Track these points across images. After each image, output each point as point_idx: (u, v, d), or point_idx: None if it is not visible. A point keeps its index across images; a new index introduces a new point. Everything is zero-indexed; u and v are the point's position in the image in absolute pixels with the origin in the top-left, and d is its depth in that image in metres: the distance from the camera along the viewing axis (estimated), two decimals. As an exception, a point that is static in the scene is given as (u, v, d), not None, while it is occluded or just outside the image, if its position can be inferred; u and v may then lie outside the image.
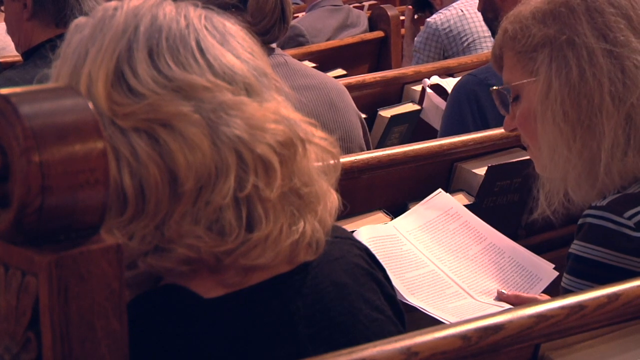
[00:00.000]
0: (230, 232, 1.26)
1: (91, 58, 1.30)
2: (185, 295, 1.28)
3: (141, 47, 1.29)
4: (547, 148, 1.92)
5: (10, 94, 1.06)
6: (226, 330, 1.28)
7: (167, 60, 1.29)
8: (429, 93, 3.83)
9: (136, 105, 1.26)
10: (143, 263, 1.27)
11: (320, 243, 1.36)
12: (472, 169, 2.64)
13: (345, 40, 5.17)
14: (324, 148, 1.38)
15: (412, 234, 2.22)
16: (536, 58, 1.93)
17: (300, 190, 1.32)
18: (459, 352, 1.27)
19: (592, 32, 1.90)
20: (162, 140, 1.26)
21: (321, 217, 1.35)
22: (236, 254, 1.27)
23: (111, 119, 1.26)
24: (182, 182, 1.25)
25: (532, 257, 2.26)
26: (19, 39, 2.98)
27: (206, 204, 1.26)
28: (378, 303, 1.41)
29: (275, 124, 1.30)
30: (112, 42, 1.30)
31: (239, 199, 1.27)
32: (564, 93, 1.89)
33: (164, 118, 1.26)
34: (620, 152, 1.86)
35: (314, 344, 1.31)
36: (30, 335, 1.08)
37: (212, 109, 1.27)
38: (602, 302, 1.38)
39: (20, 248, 1.08)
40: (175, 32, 1.31)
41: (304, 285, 1.34)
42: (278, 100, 1.35)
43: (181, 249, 1.26)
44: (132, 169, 1.25)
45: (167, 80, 1.28)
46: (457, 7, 4.60)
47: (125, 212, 1.26)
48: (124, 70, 1.28)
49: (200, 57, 1.30)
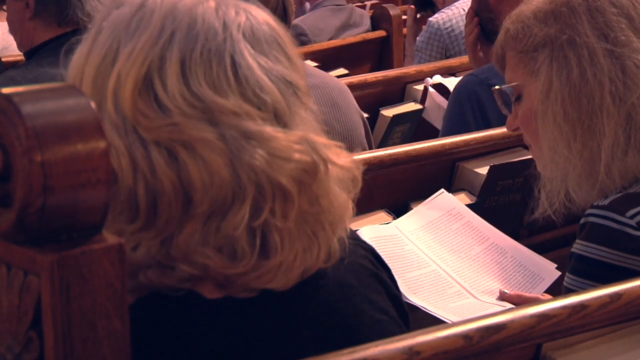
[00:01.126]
0: (243, 257, 1.24)
1: (123, 58, 1.27)
2: (189, 295, 1.27)
3: (174, 58, 1.25)
4: (548, 148, 1.92)
5: (13, 93, 1.06)
6: (229, 331, 1.27)
7: (198, 76, 1.25)
8: (431, 92, 3.83)
9: (161, 121, 1.24)
10: (144, 277, 1.25)
11: (334, 253, 1.34)
12: (474, 169, 2.64)
13: (347, 39, 5.17)
14: (347, 169, 1.35)
15: (414, 234, 2.22)
16: (537, 58, 1.93)
17: (318, 215, 1.30)
18: (461, 351, 1.27)
19: (593, 32, 1.90)
20: (181, 160, 1.23)
21: (338, 233, 1.33)
22: (248, 278, 1.26)
23: (134, 126, 1.24)
24: (197, 205, 1.23)
25: (534, 257, 2.26)
26: (21, 38, 2.98)
27: (217, 229, 1.24)
28: (383, 304, 1.40)
29: (299, 154, 1.27)
30: (147, 45, 1.26)
31: (253, 227, 1.24)
32: (564, 93, 1.89)
33: (187, 140, 1.23)
34: (621, 152, 1.86)
35: (318, 345, 1.30)
36: (32, 335, 1.08)
37: (236, 137, 1.24)
38: (604, 301, 1.38)
39: (22, 248, 1.08)
40: (210, 46, 1.27)
41: (309, 286, 1.33)
42: (305, 121, 1.32)
43: (185, 267, 1.24)
44: (148, 182, 1.23)
45: (196, 100, 1.24)
46: (459, 7, 4.60)
47: (136, 221, 1.24)
48: (153, 80, 1.25)
49: (233, 77, 1.26)
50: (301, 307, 1.32)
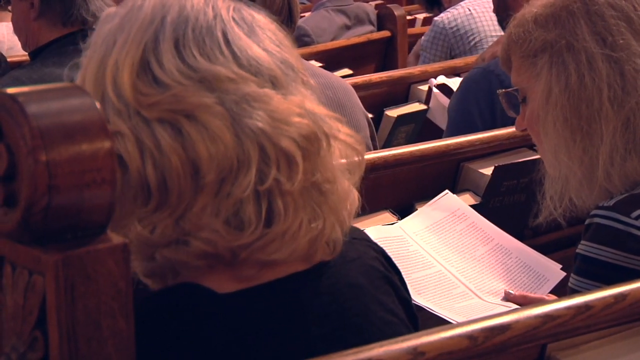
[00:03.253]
0: (249, 226, 1.26)
1: (118, 47, 1.30)
2: (199, 291, 1.28)
3: (167, 38, 1.30)
4: (550, 153, 1.92)
5: (18, 93, 1.06)
6: (239, 326, 1.28)
7: (192, 51, 1.29)
8: (436, 93, 3.84)
9: (160, 96, 1.27)
10: (160, 255, 1.27)
11: (337, 243, 1.35)
12: (478, 169, 2.64)
13: (352, 40, 5.17)
14: (349, 145, 1.37)
15: (419, 234, 2.22)
16: (537, 63, 1.93)
17: (322, 186, 1.31)
18: (466, 352, 1.27)
19: (592, 36, 1.90)
20: (185, 132, 1.26)
21: (341, 216, 1.34)
22: (253, 248, 1.27)
23: (136, 109, 1.27)
24: (204, 174, 1.25)
25: (539, 258, 2.26)
26: (26, 38, 2.99)
27: (227, 195, 1.25)
28: (392, 306, 1.41)
29: (299, 118, 1.29)
30: (139, 31, 1.30)
31: (259, 192, 1.26)
32: (563, 98, 1.89)
33: (187, 109, 1.26)
34: (620, 157, 1.86)
35: (326, 343, 1.31)
36: (37, 335, 1.08)
37: (235, 101, 1.27)
38: (609, 302, 1.38)
39: (27, 247, 1.08)
40: (202, 23, 1.31)
41: (320, 285, 1.34)
42: (304, 93, 1.34)
43: (198, 243, 1.26)
44: (155, 160, 1.26)
45: (192, 71, 1.28)
46: (465, 6, 4.60)
47: (150, 202, 1.26)
48: (149, 61, 1.29)
49: (226, 48, 1.30)
50: (310, 304, 1.33)
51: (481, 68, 3.19)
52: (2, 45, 4.53)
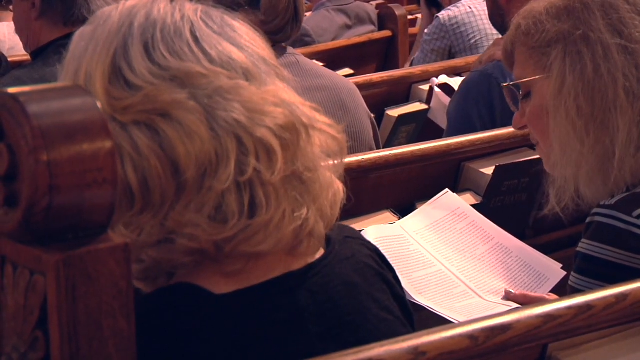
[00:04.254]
0: (232, 218, 1.26)
1: (88, 57, 1.32)
2: (196, 291, 1.28)
3: (136, 42, 1.30)
4: (559, 144, 1.91)
5: (19, 93, 1.06)
6: (236, 326, 1.28)
7: (162, 51, 1.30)
8: (437, 92, 3.83)
9: (133, 98, 1.27)
10: (147, 256, 1.28)
11: (321, 234, 1.34)
12: (479, 169, 2.64)
13: (353, 39, 5.17)
14: (329, 134, 1.37)
15: (419, 233, 2.22)
16: (550, 53, 1.93)
17: (303, 175, 1.31)
18: (467, 351, 1.27)
19: (607, 28, 1.90)
20: (161, 131, 1.26)
21: (322, 206, 1.34)
22: (237, 241, 1.27)
23: (111, 115, 1.27)
24: (184, 171, 1.25)
25: (539, 257, 2.26)
26: (28, 38, 2.99)
27: (209, 189, 1.26)
28: (387, 303, 1.41)
29: (274, 107, 1.30)
30: (108, 39, 1.31)
31: (240, 184, 1.27)
32: (578, 88, 1.89)
33: (160, 108, 1.27)
34: (634, 148, 1.86)
35: (324, 342, 1.31)
36: (38, 335, 1.08)
37: (208, 95, 1.28)
38: (610, 302, 1.38)
39: (28, 247, 1.08)
40: (169, 25, 1.32)
41: (315, 284, 1.34)
42: (279, 86, 1.34)
43: (182, 240, 1.26)
44: (135, 162, 1.26)
45: (163, 70, 1.29)
46: (465, 4, 4.61)
47: (134, 206, 1.27)
48: (120, 66, 1.29)
49: (195, 46, 1.31)
50: (306, 304, 1.33)
51: (479, 71, 3.19)
52: (3, 45, 4.53)
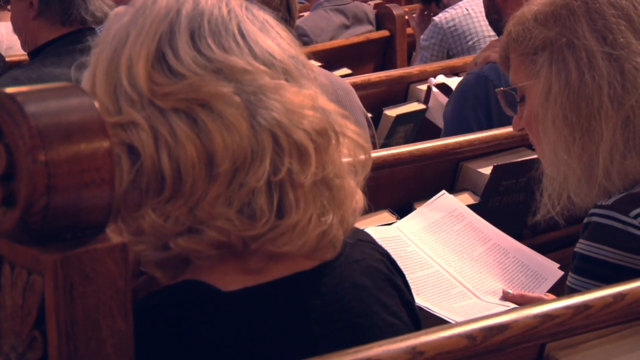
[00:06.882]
0: (261, 217, 1.26)
1: (132, 40, 1.31)
2: (203, 288, 1.28)
3: (183, 29, 1.30)
4: (549, 151, 1.92)
5: (16, 93, 1.06)
6: (242, 324, 1.28)
7: (208, 42, 1.30)
8: (435, 92, 3.83)
9: (176, 85, 1.27)
10: (174, 244, 1.27)
11: (338, 240, 1.35)
12: (477, 169, 2.64)
13: (351, 39, 5.16)
14: (357, 142, 1.38)
15: (417, 235, 2.22)
16: (537, 60, 1.93)
17: (331, 181, 1.32)
18: (464, 351, 1.27)
19: (592, 34, 1.90)
20: (200, 121, 1.26)
21: (345, 213, 1.34)
22: (264, 240, 1.27)
23: (150, 99, 1.27)
24: (219, 164, 1.26)
25: (537, 257, 2.26)
26: (25, 37, 2.99)
27: (240, 186, 1.26)
28: (395, 308, 1.41)
29: (312, 111, 1.31)
30: (154, 24, 1.31)
31: (272, 183, 1.27)
32: (563, 96, 1.89)
33: (203, 98, 1.27)
34: (620, 155, 1.86)
35: (329, 343, 1.31)
36: (36, 334, 1.08)
37: (251, 92, 1.28)
38: (607, 301, 1.38)
39: (26, 247, 1.08)
40: (217, 17, 1.32)
41: (324, 285, 1.34)
42: (315, 90, 1.35)
43: (211, 232, 1.26)
44: (170, 149, 1.26)
45: (208, 61, 1.29)
46: (463, 6, 4.61)
47: (163, 192, 1.26)
48: (165, 52, 1.29)
49: (242, 40, 1.32)
50: (313, 304, 1.33)
51: (475, 74, 3.19)
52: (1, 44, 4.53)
